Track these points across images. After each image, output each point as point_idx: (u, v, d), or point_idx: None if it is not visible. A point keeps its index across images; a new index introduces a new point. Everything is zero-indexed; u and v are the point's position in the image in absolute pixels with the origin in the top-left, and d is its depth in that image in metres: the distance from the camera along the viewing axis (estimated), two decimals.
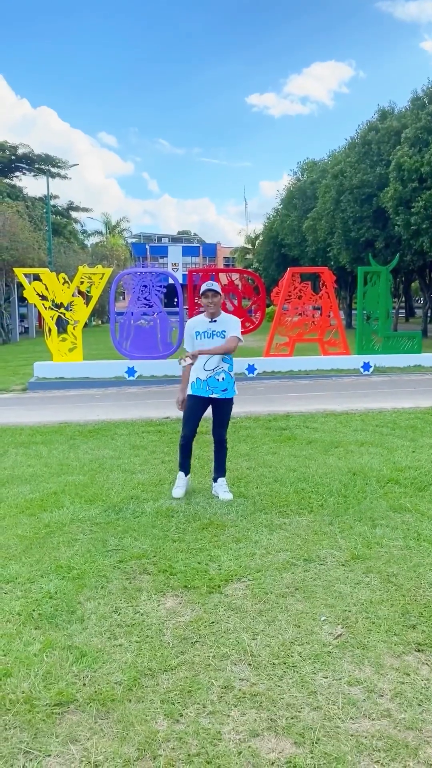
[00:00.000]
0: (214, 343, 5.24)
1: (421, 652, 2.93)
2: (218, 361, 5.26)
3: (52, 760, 2.28)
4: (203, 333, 5.28)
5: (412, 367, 16.16)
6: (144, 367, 14.95)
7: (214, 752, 2.29)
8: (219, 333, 5.26)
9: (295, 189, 43.53)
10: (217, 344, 5.22)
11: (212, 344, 5.23)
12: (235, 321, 5.42)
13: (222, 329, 5.28)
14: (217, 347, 5.20)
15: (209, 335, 5.26)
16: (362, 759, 2.25)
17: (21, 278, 16.28)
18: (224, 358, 5.28)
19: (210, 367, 5.26)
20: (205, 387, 5.27)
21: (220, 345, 5.22)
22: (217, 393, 5.28)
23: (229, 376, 5.33)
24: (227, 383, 5.31)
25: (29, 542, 4.37)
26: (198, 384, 5.29)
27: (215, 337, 5.25)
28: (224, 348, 5.21)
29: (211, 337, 5.25)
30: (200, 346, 5.26)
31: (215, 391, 5.27)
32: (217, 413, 5.41)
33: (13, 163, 48.41)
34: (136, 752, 2.30)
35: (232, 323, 5.36)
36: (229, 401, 5.38)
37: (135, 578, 3.77)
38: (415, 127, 23.82)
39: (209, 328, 5.28)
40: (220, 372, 5.27)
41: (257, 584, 3.64)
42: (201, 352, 5.17)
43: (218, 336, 5.25)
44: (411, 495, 5.26)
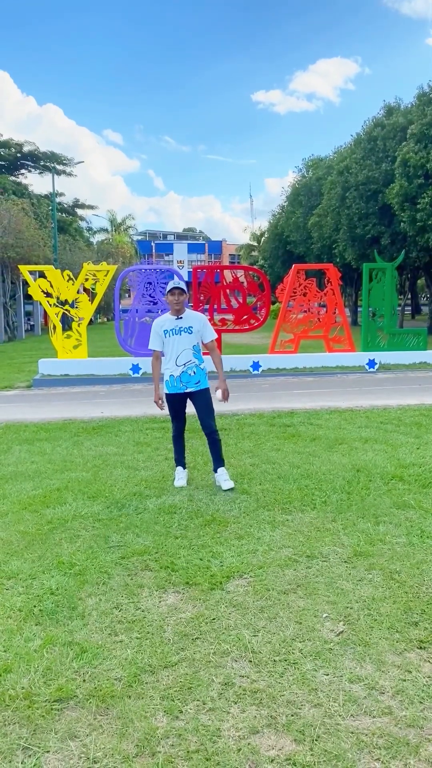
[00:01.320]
0: (182, 339, 5.47)
1: (423, 650, 2.91)
2: (190, 355, 5.51)
3: (51, 756, 2.27)
4: (171, 330, 5.48)
5: (418, 364, 16.09)
6: (148, 364, 14.90)
7: (214, 749, 2.27)
8: (186, 329, 5.48)
9: (301, 186, 43.42)
10: (186, 339, 5.48)
11: (180, 341, 5.48)
12: (204, 320, 5.65)
13: (189, 325, 5.50)
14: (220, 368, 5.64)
15: (177, 332, 5.48)
16: (363, 756, 2.24)
17: (26, 275, 16.31)
18: (194, 354, 5.53)
19: (182, 362, 5.50)
20: (179, 383, 5.52)
21: (219, 362, 5.67)
22: (192, 387, 5.53)
23: (200, 369, 5.59)
24: (199, 376, 5.57)
25: (31, 538, 4.37)
26: (172, 381, 5.54)
27: (182, 333, 5.48)
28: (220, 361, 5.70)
29: (178, 333, 5.48)
30: (170, 343, 5.50)
31: (189, 385, 5.53)
32: (198, 405, 5.59)
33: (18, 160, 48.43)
34: (135, 749, 2.29)
35: (202, 322, 5.59)
36: (204, 391, 5.60)
37: (136, 574, 3.76)
38: (421, 123, 23.71)
39: (176, 325, 5.49)
40: (192, 366, 5.53)
41: (259, 581, 3.62)
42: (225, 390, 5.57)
43: (185, 332, 5.48)
44: (415, 492, 5.23)
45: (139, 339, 15.51)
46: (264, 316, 16.48)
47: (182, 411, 5.66)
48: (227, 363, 15.13)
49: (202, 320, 5.63)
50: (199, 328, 5.54)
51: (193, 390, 5.54)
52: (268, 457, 6.55)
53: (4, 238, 29.04)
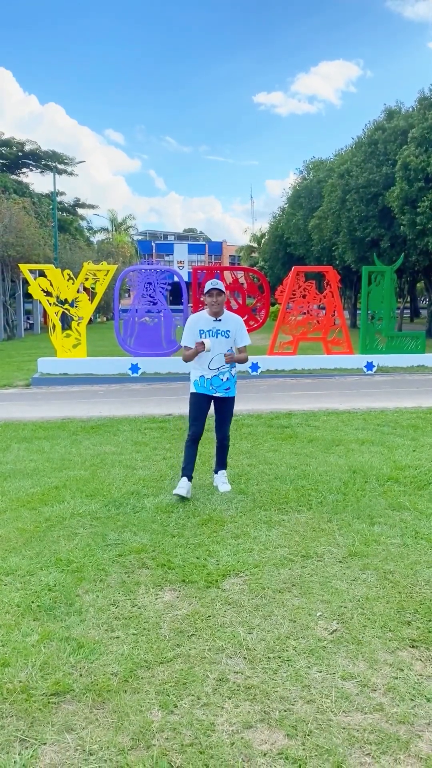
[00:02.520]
0: (217, 342, 5.24)
1: (415, 648, 2.96)
2: (223, 359, 5.27)
3: (48, 748, 2.31)
4: (208, 332, 5.27)
5: (416, 367, 16.15)
6: (148, 364, 14.99)
7: (208, 743, 2.31)
8: (223, 332, 5.27)
9: (301, 188, 43.47)
10: (222, 343, 5.26)
11: (216, 342, 5.24)
12: (241, 324, 5.44)
13: (227, 329, 5.29)
14: (239, 357, 5.35)
15: (213, 334, 5.26)
16: (354, 751, 2.28)
17: (26, 274, 16.35)
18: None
19: (215, 366, 5.29)
20: (209, 386, 5.32)
21: (242, 355, 5.40)
22: (221, 392, 5.34)
23: (232, 375, 5.40)
24: (230, 383, 5.39)
25: (29, 535, 4.41)
26: (202, 382, 5.33)
27: (219, 336, 5.26)
28: (244, 358, 5.42)
29: (215, 336, 5.25)
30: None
31: (219, 390, 5.33)
32: (219, 411, 5.46)
33: (20, 159, 48.44)
34: (130, 742, 2.33)
35: (238, 326, 5.38)
36: (231, 400, 5.45)
37: (133, 572, 3.80)
38: (422, 126, 23.76)
39: (214, 326, 5.28)
40: (224, 372, 5.33)
41: (255, 579, 3.66)
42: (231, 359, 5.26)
43: (222, 335, 5.26)
44: (410, 493, 5.28)
45: (139, 339, 15.56)
46: (263, 317, 16.53)
47: (205, 413, 5.39)
48: None
49: (239, 323, 5.40)
50: (235, 331, 5.32)
51: (221, 396, 5.35)
52: (266, 457, 6.59)
53: (5, 236, 29.07)
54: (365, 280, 16.33)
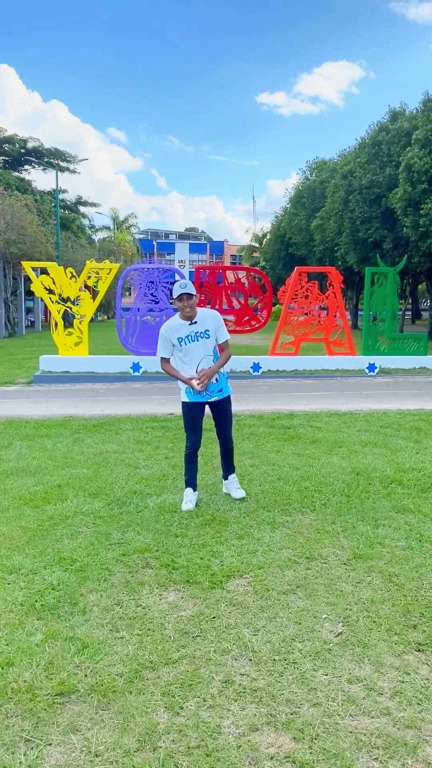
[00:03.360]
0: (200, 345, 5.00)
1: (422, 652, 2.94)
2: (209, 362, 5.05)
3: (53, 749, 2.30)
4: (186, 338, 4.99)
5: (418, 369, 16.14)
6: (149, 363, 14.95)
7: (214, 745, 2.30)
8: (203, 333, 4.99)
9: (304, 188, 43.44)
10: (205, 345, 5.01)
11: (198, 347, 5.00)
12: (218, 318, 5.13)
13: (205, 329, 5.00)
14: (219, 363, 5.06)
15: (193, 338, 4.99)
16: (361, 756, 2.26)
17: (28, 271, 16.33)
18: (215, 359, 5.09)
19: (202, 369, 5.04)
20: (203, 392, 5.07)
21: (222, 359, 5.09)
22: (215, 395, 5.14)
23: (222, 374, 5.20)
24: (221, 383, 5.18)
25: (33, 534, 4.40)
26: (192, 390, 5.09)
27: (200, 339, 4.99)
28: (225, 359, 5.11)
29: (195, 339, 4.99)
30: (187, 351, 5.02)
31: (212, 394, 5.13)
32: (217, 415, 5.23)
33: (22, 156, 48.39)
34: (136, 743, 2.31)
35: (216, 321, 5.09)
36: (226, 400, 5.23)
37: (137, 572, 3.79)
38: (426, 128, 23.76)
39: (191, 331, 4.98)
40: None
41: (259, 581, 3.65)
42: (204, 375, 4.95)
43: (203, 337, 4.99)
44: (414, 496, 5.27)
45: (141, 338, 15.54)
46: (265, 317, 16.51)
47: (200, 422, 5.19)
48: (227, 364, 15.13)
49: (216, 319, 5.10)
50: (214, 328, 5.04)
51: (216, 399, 5.15)
52: (268, 458, 6.58)
53: (7, 233, 29.04)
54: (368, 281, 16.31)
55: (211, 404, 5.19)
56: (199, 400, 5.13)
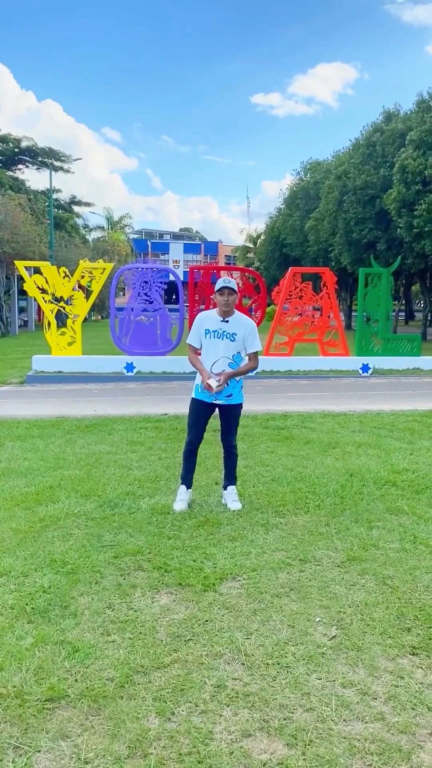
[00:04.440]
0: (221, 345, 4.92)
1: (416, 656, 2.92)
2: (226, 365, 4.95)
3: (42, 755, 2.26)
4: (213, 332, 4.94)
5: (411, 369, 16.15)
6: (143, 363, 14.92)
7: (206, 752, 2.27)
8: (230, 335, 4.92)
9: (298, 189, 43.49)
10: (227, 346, 4.92)
11: (221, 345, 4.92)
12: (252, 327, 5.02)
13: (233, 331, 4.92)
14: (240, 368, 4.95)
15: (219, 335, 4.92)
16: (355, 762, 2.23)
17: (21, 271, 16.24)
18: (231, 363, 4.97)
19: (217, 371, 4.94)
20: (209, 392, 4.93)
21: (245, 366, 4.97)
22: (222, 399, 5.01)
23: (235, 381, 5.03)
24: (233, 389, 5.01)
25: (23, 536, 4.35)
26: (201, 388, 5.01)
27: (225, 339, 4.92)
28: (248, 368, 4.99)
29: (220, 337, 4.92)
30: (208, 345, 4.96)
31: (220, 397, 4.99)
32: (223, 419, 5.13)
33: (16, 155, 48.21)
34: (126, 750, 2.28)
35: (249, 329, 4.98)
36: (235, 407, 5.10)
37: (129, 574, 3.75)
38: (420, 129, 23.79)
39: (220, 327, 4.93)
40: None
41: (252, 583, 3.62)
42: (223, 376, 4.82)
43: (228, 338, 4.92)
44: (408, 497, 5.25)
45: (134, 337, 15.49)
46: (259, 318, 16.46)
47: (204, 422, 5.09)
48: None
49: (249, 327, 4.97)
50: (244, 335, 4.92)
51: (222, 403, 5.01)
52: (262, 459, 6.55)
53: (0, 233, 28.91)
54: (361, 282, 16.32)
55: (220, 407, 5.09)
56: (205, 399, 5.03)
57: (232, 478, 5.17)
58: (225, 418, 5.13)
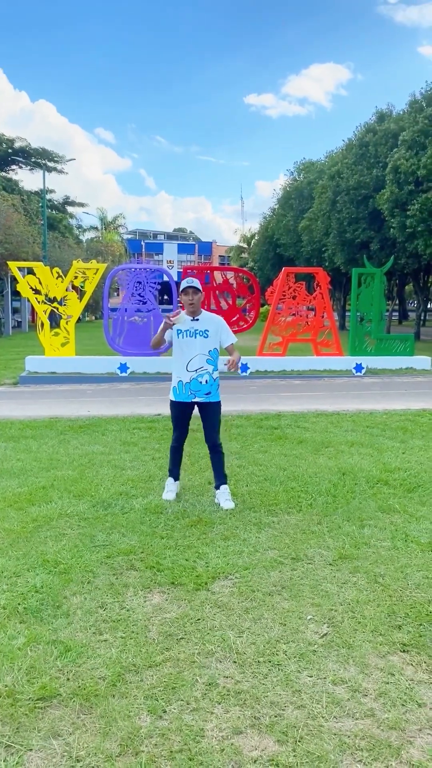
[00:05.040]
0: (195, 343, 5.05)
1: (406, 653, 2.94)
2: (203, 361, 5.07)
3: (34, 754, 2.27)
4: (186, 332, 5.06)
5: (404, 369, 16.20)
6: (137, 363, 14.92)
7: (197, 749, 2.28)
8: (202, 332, 5.05)
9: (292, 189, 43.56)
10: (202, 343, 5.06)
11: (193, 344, 5.05)
12: (222, 323, 5.20)
13: (205, 328, 5.07)
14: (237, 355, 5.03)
15: (192, 334, 5.05)
16: (345, 758, 2.25)
17: (14, 272, 16.22)
18: (209, 360, 5.10)
19: (193, 368, 5.06)
20: (188, 391, 5.08)
21: (236, 355, 5.05)
22: (201, 396, 5.10)
23: (212, 378, 5.13)
24: (210, 386, 5.12)
25: (16, 536, 4.35)
26: (180, 388, 5.11)
27: (198, 336, 5.05)
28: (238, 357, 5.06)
29: (194, 336, 5.05)
30: (183, 344, 5.08)
31: (198, 395, 5.09)
32: (204, 417, 5.21)
33: (9, 156, 48.10)
34: (118, 748, 2.29)
35: (219, 325, 5.16)
36: (214, 405, 5.19)
37: (122, 574, 3.75)
38: (412, 130, 23.86)
39: (192, 326, 5.06)
40: (203, 374, 5.09)
41: (244, 582, 3.63)
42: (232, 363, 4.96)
43: (201, 335, 5.05)
44: (400, 496, 5.27)
45: (128, 338, 15.49)
46: (253, 318, 16.51)
47: (186, 421, 5.24)
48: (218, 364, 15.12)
49: (219, 323, 5.16)
50: (216, 331, 5.10)
51: (201, 401, 5.11)
52: (255, 458, 6.56)
53: None
54: (355, 282, 16.37)
55: (199, 405, 5.17)
56: (183, 400, 5.14)
57: (223, 477, 5.18)
58: (206, 417, 5.22)
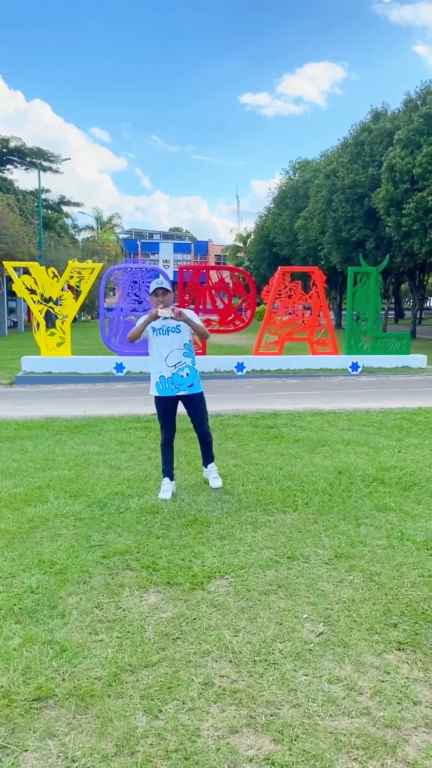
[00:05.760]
0: (170, 339, 5.25)
1: (402, 651, 2.94)
2: (180, 355, 5.27)
3: (29, 755, 2.26)
4: (159, 330, 5.27)
5: (400, 368, 16.23)
6: (133, 363, 14.90)
7: (193, 749, 2.28)
8: (173, 329, 5.27)
9: (288, 188, 43.56)
10: (175, 338, 5.26)
11: (168, 341, 5.25)
12: (190, 312, 5.35)
13: (176, 324, 5.26)
14: (195, 322, 5.26)
15: (164, 332, 5.27)
16: (341, 757, 2.25)
17: (10, 271, 16.17)
18: (185, 353, 5.31)
19: (172, 362, 5.27)
20: (171, 386, 5.28)
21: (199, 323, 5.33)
22: (184, 389, 5.31)
23: (193, 370, 5.36)
24: (192, 378, 5.33)
25: (12, 536, 4.34)
26: (163, 383, 5.30)
27: (170, 333, 5.26)
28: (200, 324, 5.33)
29: (166, 333, 5.26)
30: (158, 343, 5.28)
31: (182, 388, 5.30)
32: (190, 409, 5.43)
33: (4, 155, 47.99)
34: (114, 748, 2.28)
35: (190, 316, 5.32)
36: (197, 396, 5.40)
37: (118, 574, 3.75)
38: (407, 128, 23.90)
39: (163, 325, 5.26)
40: (183, 367, 5.29)
41: (240, 581, 3.63)
42: (180, 318, 5.12)
43: (173, 332, 5.26)
44: (396, 494, 5.28)
45: (124, 338, 15.46)
46: (249, 317, 16.51)
47: (172, 415, 5.41)
48: (212, 364, 15.14)
49: (194, 315, 5.39)
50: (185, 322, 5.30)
51: (185, 393, 5.31)
52: (251, 458, 6.56)
53: None
54: (350, 281, 16.38)
55: (183, 399, 5.35)
56: (168, 394, 5.31)
57: (210, 457, 5.55)
58: (191, 409, 5.43)
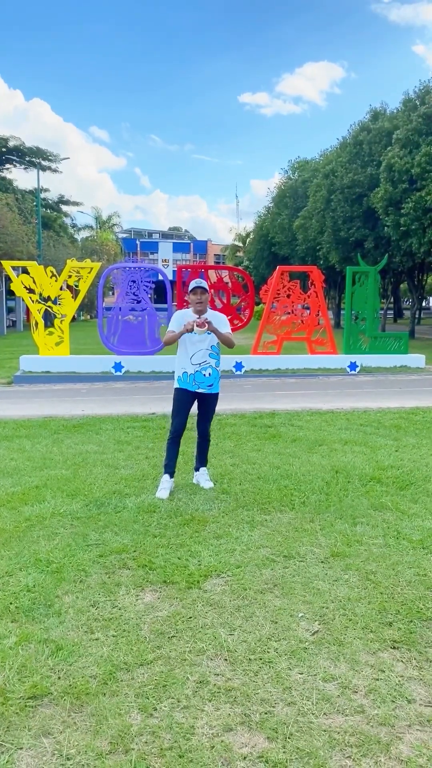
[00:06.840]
0: (199, 339, 5.28)
1: (397, 650, 2.95)
2: (205, 355, 5.33)
3: (24, 752, 2.27)
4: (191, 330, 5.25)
5: (398, 367, 16.25)
6: (131, 362, 14.91)
7: (187, 746, 2.29)
8: (206, 330, 5.23)
9: (287, 188, 43.56)
10: (202, 339, 5.29)
11: (198, 339, 5.28)
12: (223, 319, 5.46)
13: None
14: (222, 332, 5.26)
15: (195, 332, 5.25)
16: (334, 754, 2.26)
17: (8, 271, 16.19)
18: (211, 354, 5.36)
19: (197, 361, 5.32)
20: (192, 381, 5.34)
21: (226, 332, 5.31)
22: (203, 388, 5.36)
23: (216, 371, 5.42)
24: (213, 378, 5.39)
25: (9, 535, 4.35)
26: (185, 378, 5.36)
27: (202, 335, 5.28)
28: (227, 335, 5.31)
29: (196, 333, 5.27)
30: (187, 341, 5.30)
31: (202, 386, 5.35)
32: (202, 408, 5.50)
33: (3, 155, 47.88)
34: (108, 746, 2.29)
35: (220, 321, 5.39)
36: (214, 396, 5.48)
37: (114, 573, 3.76)
38: (406, 128, 23.89)
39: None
40: (207, 367, 5.34)
41: (236, 580, 3.64)
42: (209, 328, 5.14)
43: (206, 333, 5.26)
44: (392, 494, 5.29)
45: (122, 337, 15.48)
46: (248, 316, 16.53)
47: (187, 410, 5.41)
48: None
49: (220, 319, 5.40)
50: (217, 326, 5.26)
51: (204, 392, 5.36)
52: (249, 457, 6.57)
53: None
54: (349, 281, 16.40)
55: (199, 396, 5.40)
56: (188, 388, 5.35)
57: (204, 461, 5.62)
58: (204, 407, 5.50)
